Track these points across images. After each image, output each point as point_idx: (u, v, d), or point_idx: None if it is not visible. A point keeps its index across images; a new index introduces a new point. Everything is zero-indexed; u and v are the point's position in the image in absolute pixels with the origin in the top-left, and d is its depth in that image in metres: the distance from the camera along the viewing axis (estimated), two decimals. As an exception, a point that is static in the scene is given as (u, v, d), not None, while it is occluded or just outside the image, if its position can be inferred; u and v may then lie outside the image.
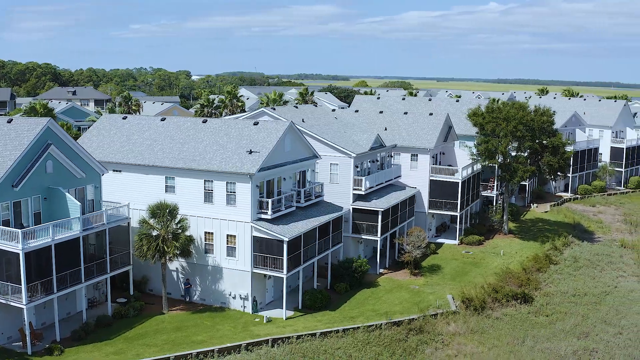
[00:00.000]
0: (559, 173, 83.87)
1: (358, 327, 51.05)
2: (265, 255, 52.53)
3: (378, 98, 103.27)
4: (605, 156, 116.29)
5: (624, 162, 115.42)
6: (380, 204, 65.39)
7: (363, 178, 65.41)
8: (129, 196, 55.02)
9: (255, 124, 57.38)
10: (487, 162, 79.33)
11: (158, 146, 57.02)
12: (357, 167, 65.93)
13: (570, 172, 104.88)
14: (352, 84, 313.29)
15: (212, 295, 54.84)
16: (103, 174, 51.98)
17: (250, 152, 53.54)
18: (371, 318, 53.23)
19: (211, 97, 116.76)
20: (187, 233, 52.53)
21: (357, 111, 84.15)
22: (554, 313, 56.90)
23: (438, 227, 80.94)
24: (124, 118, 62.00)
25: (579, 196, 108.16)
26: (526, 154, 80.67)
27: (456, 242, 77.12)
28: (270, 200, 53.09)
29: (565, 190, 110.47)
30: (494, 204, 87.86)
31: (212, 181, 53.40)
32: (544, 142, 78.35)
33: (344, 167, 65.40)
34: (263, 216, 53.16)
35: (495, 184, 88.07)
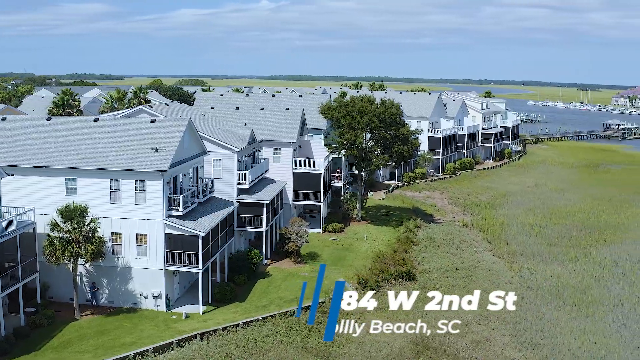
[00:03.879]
0: (402, 161, 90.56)
1: (275, 315, 52.85)
2: (178, 252, 52.48)
3: (221, 95, 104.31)
4: (424, 145, 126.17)
5: (441, 150, 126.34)
6: (263, 197, 67.24)
7: (247, 172, 66.87)
8: (24, 200, 51.73)
9: (153, 121, 56.73)
10: (345, 153, 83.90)
11: (51, 147, 54.38)
12: (239, 161, 67.19)
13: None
14: (145, 83, 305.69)
15: (122, 296, 53.63)
16: (2, 178, 48.90)
17: (156, 149, 53.07)
18: (282, 305, 55.14)
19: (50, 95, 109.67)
20: (98, 234, 51.02)
21: (213, 108, 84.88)
22: (440, 287, 62.19)
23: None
24: (3, 119, 58.17)
25: (405, 183, 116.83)
26: (377, 144, 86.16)
27: (320, 230, 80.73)
28: (182, 197, 53.10)
29: (392, 178, 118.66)
30: (342, 193, 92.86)
31: (119, 180, 52.16)
32: (395, 132, 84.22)
33: (227, 162, 66.34)
34: (174, 213, 53.00)
35: (342, 175, 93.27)
